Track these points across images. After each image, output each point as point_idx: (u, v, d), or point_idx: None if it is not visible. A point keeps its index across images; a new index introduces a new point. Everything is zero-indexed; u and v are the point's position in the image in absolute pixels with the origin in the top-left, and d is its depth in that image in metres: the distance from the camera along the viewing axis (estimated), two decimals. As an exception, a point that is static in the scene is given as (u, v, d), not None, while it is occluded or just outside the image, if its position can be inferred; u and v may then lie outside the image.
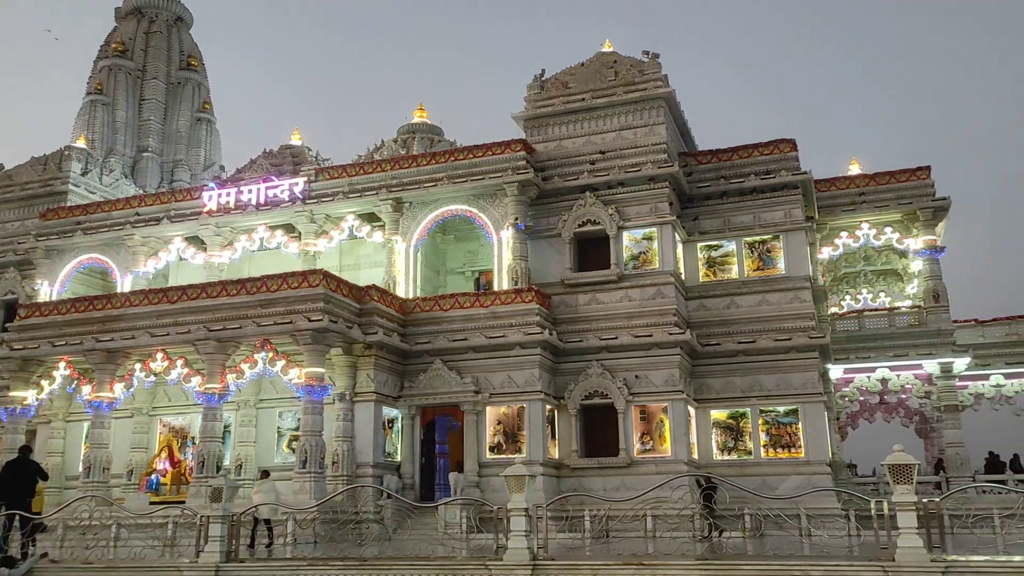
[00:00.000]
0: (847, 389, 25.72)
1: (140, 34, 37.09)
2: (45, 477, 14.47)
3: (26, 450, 14.71)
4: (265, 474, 18.26)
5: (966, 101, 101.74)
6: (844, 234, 26.06)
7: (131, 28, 37.29)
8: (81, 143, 31.89)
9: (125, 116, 35.19)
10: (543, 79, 24.77)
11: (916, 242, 25.59)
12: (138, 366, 20.88)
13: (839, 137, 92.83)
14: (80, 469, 21.56)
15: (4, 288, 27.80)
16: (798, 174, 23.08)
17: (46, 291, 26.35)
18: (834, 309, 28.69)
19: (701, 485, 16.99)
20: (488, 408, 21.28)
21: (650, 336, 21.33)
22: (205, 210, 25.21)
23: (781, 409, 21.68)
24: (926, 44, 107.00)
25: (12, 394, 21.89)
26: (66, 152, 29.92)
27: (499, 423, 21.17)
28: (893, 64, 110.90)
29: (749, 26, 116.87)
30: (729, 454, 21.88)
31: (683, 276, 23.03)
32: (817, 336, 21.75)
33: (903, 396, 25.91)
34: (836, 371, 24.91)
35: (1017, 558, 10.49)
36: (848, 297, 30.40)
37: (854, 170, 27.61)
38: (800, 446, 21.42)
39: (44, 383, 21.74)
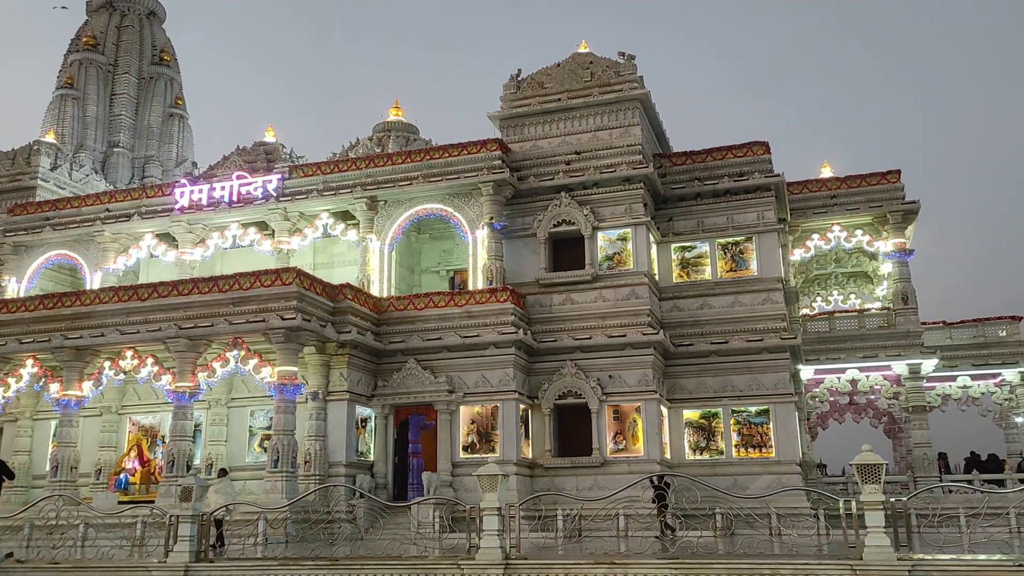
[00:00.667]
0: (817, 390, 26.01)
1: (112, 28, 36.63)
2: (11, 476, 14.29)
3: (-9, 449, 14.49)
4: (222, 472, 18.09)
5: (944, 104, 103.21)
6: (816, 236, 26.35)
7: (103, 22, 36.81)
8: (51, 138, 31.44)
9: (96, 111, 34.74)
10: (519, 79, 24.79)
11: (886, 245, 25.92)
12: (107, 364, 20.63)
13: (814, 139, 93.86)
14: (47, 468, 21.26)
15: (-30, 284, 27.28)
16: (771, 176, 23.29)
17: (13, 287, 25.95)
18: (805, 310, 28.99)
19: (654, 484, 17.09)
20: (462, 408, 21.27)
21: (624, 336, 21.43)
22: (177, 207, 24.95)
23: (753, 409, 21.86)
24: (907, 49, 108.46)
25: (-23, 392, 21.54)
26: (35, 147, 29.48)
27: (473, 423, 21.16)
28: (874, 68, 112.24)
29: (731, 26, 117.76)
30: (701, 454, 22.03)
31: (657, 277, 23.16)
32: (788, 337, 21.96)
33: (872, 397, 26.25)
34: (807, 372, 25.17)
35: (982, 556, 10.68)
36: (819, 299, 30.73)
37: (826, 173, 27.92)
38: (771, 446, 21.62)
39: (11, 381, 21.42)
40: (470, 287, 22.86)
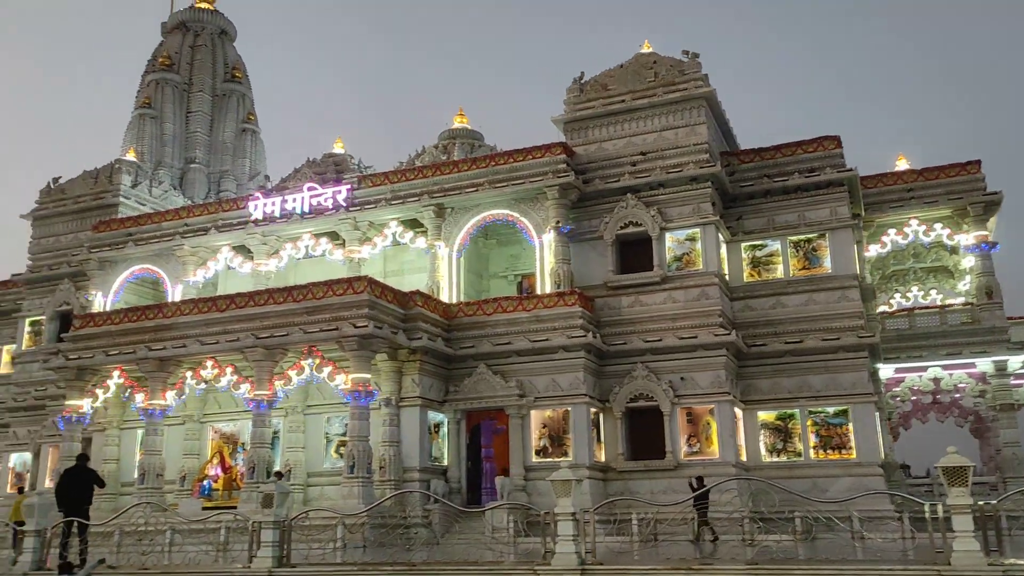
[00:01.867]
0: (898, 389, 25.26)
1: (186, 48, 37.84)
2: (102, 484, 14.81)
3: (83, 458, 15.07)
4: (278, 476, 18.46)
5: (1018, 94, 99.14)
6: (892, 231, 25.61)
7: (177, 42, 38.06)
8: (131, 156, 32.63)
9: (173, 129, 35.93)
10: (582, 82, 24.74)
11: (967, 238, 25.05)
12: (189, 374, 21.30)
13: (887, 133, 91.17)
14: (135, 475, 22.07)
15: (59, 299, 28.52)
16: (843, 171, 22.73)
17: (100, 302, 27.00)
18: (883, 308, 28.20)
19: (692, 486, 16.83)
20: (533, 412, 21.30)
21: (695, 338, 21.17)
22: (251, 219, 25.63)
23: (830, 410, 21.35)
24: (976, 37, 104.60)
25: (68, 402, 22.48)
26: (117, 165, 30.63)
27: (544, 426, 21.18)
28: (943, 58, 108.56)
29: (793, 23, 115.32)
30: (778, 456, 21.60)
31: (727, 276, 22.82)
32: (866, 335, 21.39)
33: (956, 395, 25.34)
34: (887, 371, 24.47)
35: (1080, 562, 10.21)
36: (898, 295, 29.85)
37: (902, 166, 27.12)
38: (851, 447, 21.08)
39: (99, 391, 22.28)
40: (538, 291, 22.90)
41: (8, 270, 33.34)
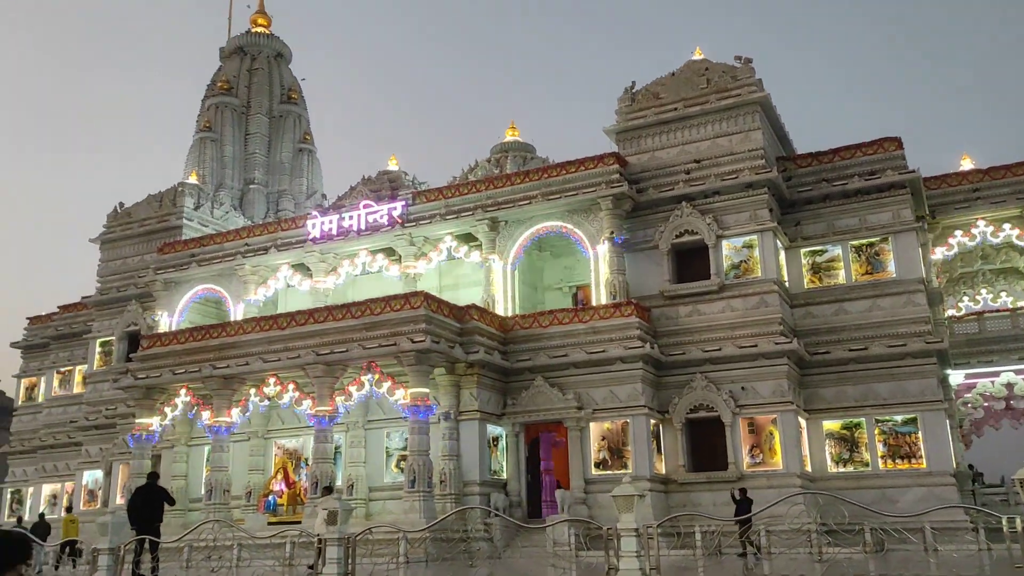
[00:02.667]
0: (969, 395, 24.49)
1: (243, 72, 38.79)
2: (172, 502, 15.14)
3: (154, 476, 15.46)
4: (327, 491, 18.59)
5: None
6: (958, 233, 24.88)
7: (235, 66, 39.04)
8: (193, 179, 33.52)
9: (232, 151, 36.83)
10: (634, 91, 24.63)
11: (1038, 237, 24.18)
12: (252, 391, 21.70)
13: (947, 134, 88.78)
14: (202, 491, 22.54)
15: (127, 320, 29.36)
16: (905, 173, 22.18)
17: (166, 322, 27.72)
18: (951, 312, 27.36)
19: (735, 498, 16.45)
20: (592, 424, 21.17)
21: (755, 346, 20.83)
22: (309, 238, 26.06)
23: (898, 418, 20.77)
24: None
25: (138, 421, 23.10)
26: (180, 188, 31.48)
27: (603, 439, 21.03)
28: (1005, 54, 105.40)
29: (848, 25, 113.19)
30: (844, 466, 21.09)
31: (787, 283, 22.42)
32: (934, 341, 20.78)
33: (1032, 401, 24.45)
34: (957, 377, 23.73)
35: None
36: (966, 298, 28.94)
37: (966, 166, 26.34)
38: (921, 456, 20.49)
39: (167, 410, 22.84)
40: (593, 302, 22.80)
41: (79, 293, 34.44)
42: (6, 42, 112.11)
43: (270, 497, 22.66)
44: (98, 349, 30.34)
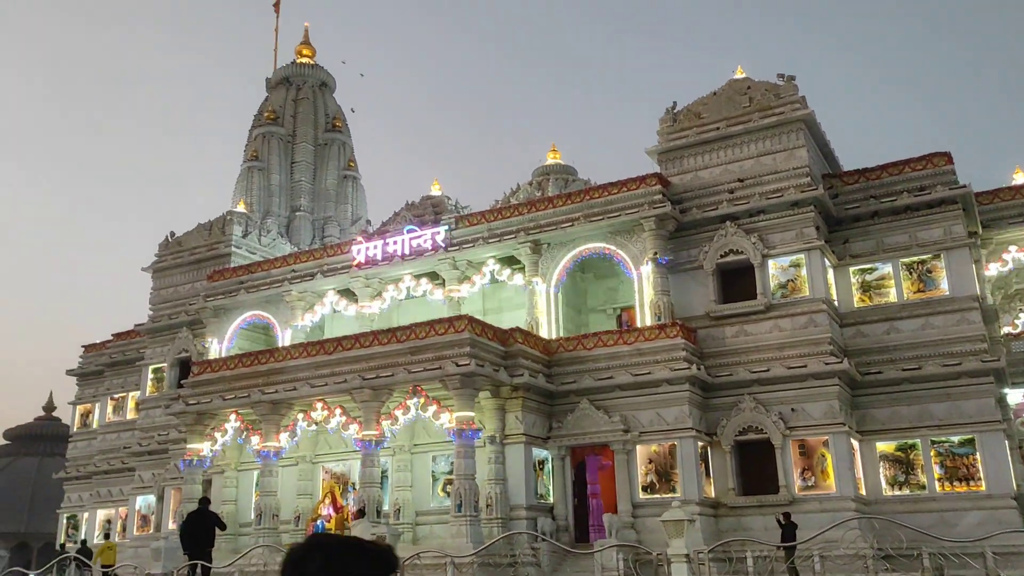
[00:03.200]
0: (1029, 415, 23.72)
1: (289, 101, 39.57)
2: (223, 527, 15.35)
3: (205, 501, 15.70)
4: (360, 514, 18.56)
5: None
6: (1013, 248, 24.28)
7: (281, 97, 39.86)
8: (241, 207, 34.18)
9: (279, 179, 37.51)
10: (675, 111, 24.57)
11: (1098, 251, 23.49)
12: (300, 416, 21.92)
13: (998, 146, 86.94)
14: (252, 516, 22.77)
15: (178, 347, 29.92)
16: (956, 188, 21.75)
17: (215, 348, 28.19)
18: (1007, 329, 26.61)
19: (780, 522, 16.05)
20: (638, 447, 20.97)
21: (804, 367, 20.48)
22: (354, 263, 26.36)
23: (955, 439, 20.23)
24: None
25: (189, 446, 23.45)
26: (228, 217, 32.12)
27: (650, 462, 20.81)
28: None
29: (895, 39, 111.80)
30: (900, 489, 20.57)
31: (836, 302, 22.05)
32: (990, 359, 20.24)
33: (1096, 420, 23.62)
34: (1015, 396, 23.04)
35: None
36: (1023, 315, 28.16)
37: (1019, 179, 25.75)
38: (979, 479, 19.90)
39: (217, 435, 23.16)
40: (637, 324, 22.66)
41: (132, 321, 35.24)
42: (60, 76, 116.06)
43: (318, 521, 22.79)
44: (150, 376, 30.95)
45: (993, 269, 24.44)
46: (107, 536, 25.18)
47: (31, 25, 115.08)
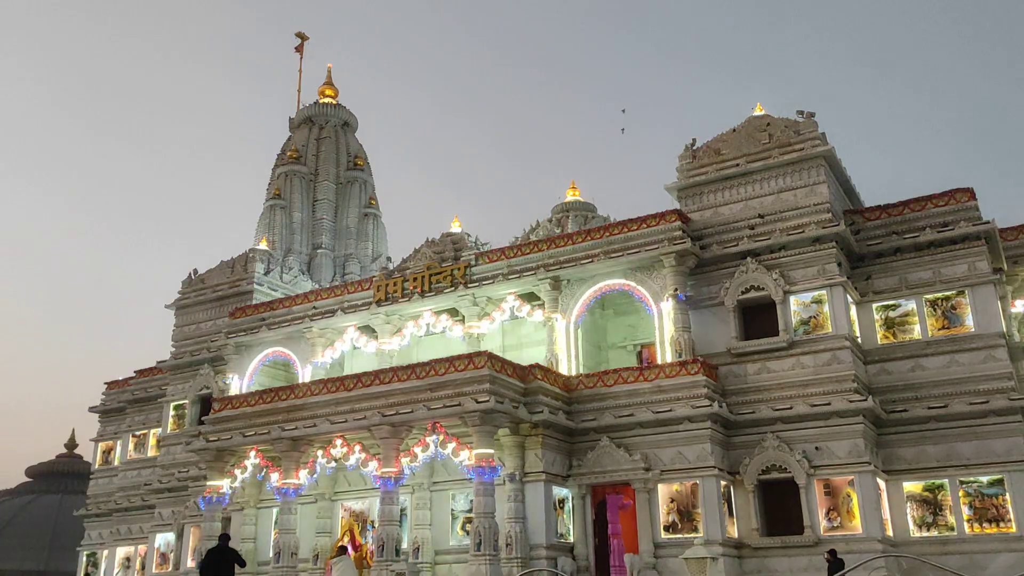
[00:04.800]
0: (1060, 454, 23.20)
1: (312, 140, 40.10)
2: (243, 564, 15.26)
3: (225, 538, 15.63)
4: (341, 551, 18.34)
5: None
6: (1039, 285, 23.95)
7: (303, 136, 40.42)
8: (263, 245, 34.52)
9: (301, 217, 37.89)
10: (694, 148, 24.66)
11: None
12: (320, 452, 21.88)
13: (1021, 182, 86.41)
14: (271, 554, 22.64)
15: (200, 384, 30.05)
16: (980, 224, 21.60)
17: (236, 385, 28.29)
18: (1035, 366, 26.19)
19: (828, 560, 15.72)
20: (660, 486, 20.71)
21: (828, 404, 20.23)
22: (375, 300, 26.47)
23: (984, 479, 19.83)
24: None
25: (209, 483, 23.44)
26: (251, 254, 32.43)
27: (672, 501, 20.53)
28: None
29: (918, 75, 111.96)
30: (928, 530, 20.14)
31: (859, 339, 21.82)
32: (1018, 398, 19.90)
33: None
34: (1045, 435, 22.56)
35: None
36: (1051, 352, 27.68)
37: (1044, 214, 25.51)
38: (1010, 520, 19.47)
39: (237, 472, 23.14)
40: (658, 361, 22.51)
41: (154, 358, 35.51)
42: (83, 115, 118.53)
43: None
44: (172, 412, 31.07)
45: (1020, 306, 24.11)
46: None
47: (61, 57, 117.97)
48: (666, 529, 20.38)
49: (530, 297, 24.68)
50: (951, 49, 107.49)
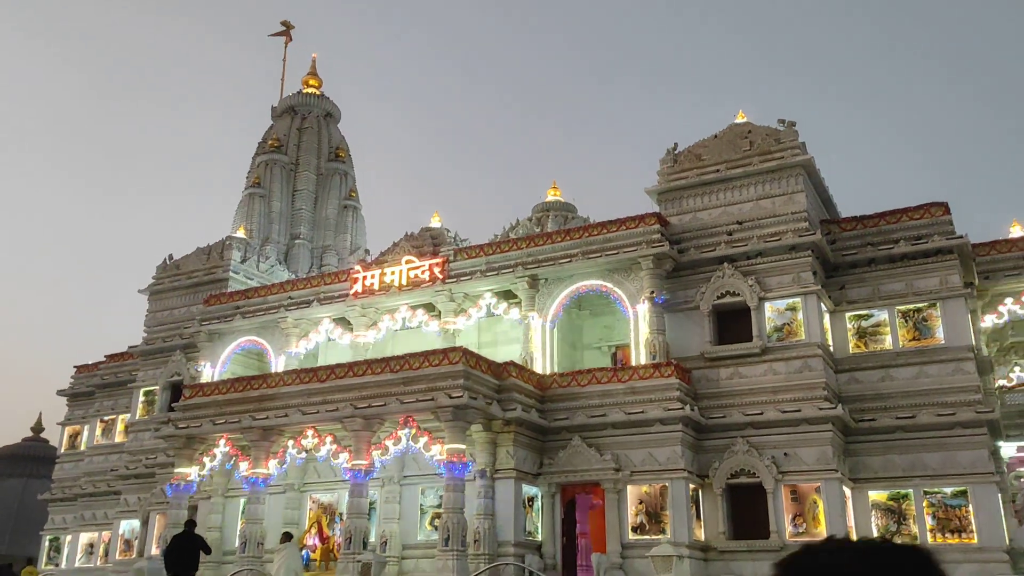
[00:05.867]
0: (1022, 469, 23.61)
1: (293, 130, 39.85)
2: (208, 551, 15.16)
3: (191, 524, 15.52)
4: (286, 537, 18.23)
5: None
6: (1009, 300, 24.31)
7: (285, 125, 40.16)
8: (241, 233, 34.24)
9: (280, 206, 37.65)
10: (676, 152, 24.79)
11: (1093, 306, 23.53)
12: (291, 443, 21.76)
13: (997, 199, 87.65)
14: (236, 544, 22.48)
15: (171, 370, 29.76)
16: (953, 238, 21.88)
17: (208, 372, 28.06)
18: (1002, 382, 26.61)
19: None
20: (629, 486, 20.81)
21: (798, 411, 20.42)
22: (351, 292, 26.36)
23: (948, 490, 20.10)
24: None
25: (177, 470, 23.22)
26: (227, 242, 32.16)
27: (641, 502, 20.63)
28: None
29: (896, 89, 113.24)
30: (892, 539, 20.32)
31: (831, 347, 22.05)
32: (984, 411, 20.19)
33: (1090, 476, 23.51)
34: (1009, 449, 22.96)
35: None
36: (1017, 368, 28.14)
37: (1016, 232, 25.91)
38: (972, 531, 19.74)
39: (206, 460, 22.95)
40: (632, 362, 22.62)
41: (125, 342, 35.10)
42: (64, 88, 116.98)
43: (303, 551, 22.50)
44: (141, 398, 30.74)
45: (989, 321, 24.48)
46: (31, 561, 24.91)
47: (42, 43, 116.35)
48: (634, 530, 20.48)
49: (507, 295, 24.70)
50: (928, 70, 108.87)
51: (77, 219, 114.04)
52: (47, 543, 33.95)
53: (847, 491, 20.51)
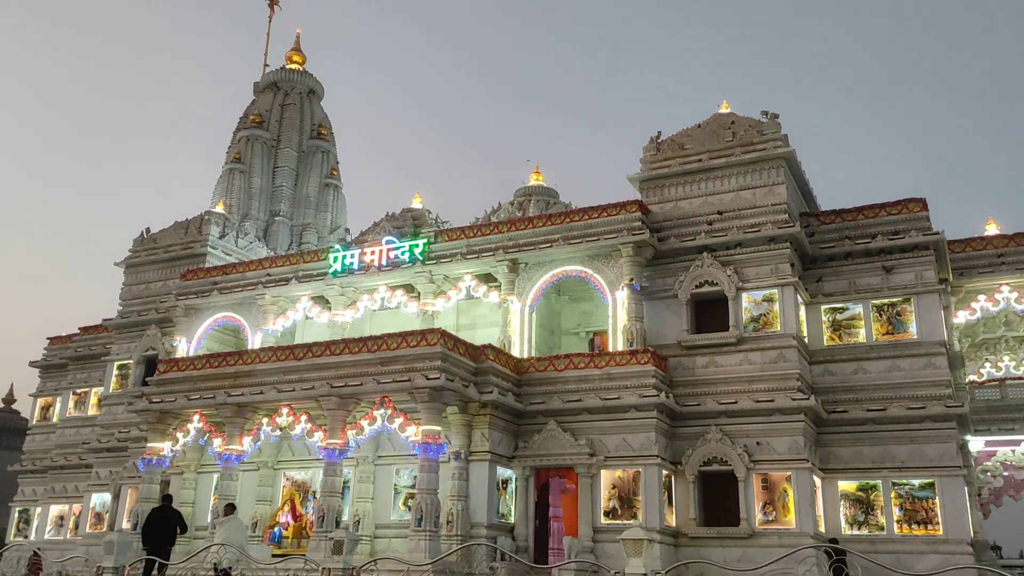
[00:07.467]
0: (989, 463, 24.09)
1: (276, 106, 39.49)
2: (185, 529, 15.01)
3: (168, 499, 15.40)
4: (230, 508, 18.15)
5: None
6: (982, 297, 24.66)
7: (267, 101, 39.78)
8: (220, 208, 33.94)
9: (260, 183, 37.34)
10: (659, 141, 24.83)
11: (1063, 306, 23.90)
12: (265, 420, 21.69)
13: (974, 197, 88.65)
14: (208, 519, 22.40)
15: (146, 344, 29.52)
16: (929, 234, 22.12)
17: (184, 347, 27.87)
18: (972, 377, 27.03)
19: (831, 556, 16.12)
20: (603, 471, 20.95)
21: (772, 401, 20.63)
22: (330, 271, 26.23)
23: (916, 482, 20.41)
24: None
25: (149, 445, 23.09)
26: (206, 217, 31.87)
27: (614, 487, 20.80)
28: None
29: (880, 84, 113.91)
30: (859, 529, 20.69)
31: (806, 339, 22.27)
32: (954, 405, 20.50)
33: (1054, 472, 23.97)
34: (976, 443, 23.36)
35: None
36: (988, 364, 28.57)
37: (991, 230, 26.24)
38: (937, 523, 20.08)
39: (179, 435, 22.82)
40: (610, 349, 22.72)
41: (99, 315, 34.72)
42: (44, 60, 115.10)
43: (276, 529, 22.51)
44: (115, 372, 30.49)
45: (961, 317, 24.80)
46: None
47: (16, 29, 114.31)
48: (606, 514, 20.65)
49: (487, 278, 24.69)
50: (912, 68, 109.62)
51: (54, 189, 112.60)
52: (16, 514, 33.70)
53: (817, 480, 20.77)
